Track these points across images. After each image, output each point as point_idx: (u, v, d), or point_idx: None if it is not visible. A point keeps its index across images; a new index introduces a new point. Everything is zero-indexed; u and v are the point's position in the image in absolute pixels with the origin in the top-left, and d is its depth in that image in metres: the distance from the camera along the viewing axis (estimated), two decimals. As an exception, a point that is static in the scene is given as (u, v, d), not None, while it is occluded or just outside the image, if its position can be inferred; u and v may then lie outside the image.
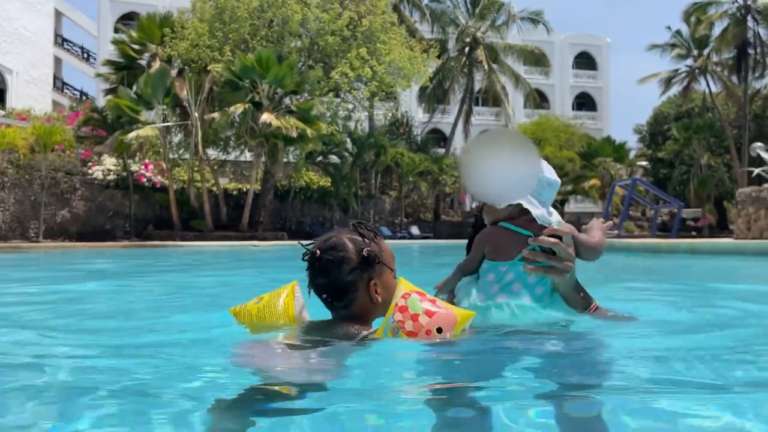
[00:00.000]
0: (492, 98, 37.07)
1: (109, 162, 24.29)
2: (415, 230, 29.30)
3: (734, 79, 38.03)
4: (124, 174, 24.11)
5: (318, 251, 1.91)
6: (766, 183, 15.73)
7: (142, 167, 24.92)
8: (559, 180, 2.14)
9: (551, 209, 2.08)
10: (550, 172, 2.10)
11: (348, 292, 1.89)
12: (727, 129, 36.72)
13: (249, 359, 1.70)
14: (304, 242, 1.99)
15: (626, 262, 9.50)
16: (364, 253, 1.89)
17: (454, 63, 35.26)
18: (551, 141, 36.59)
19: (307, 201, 28.22)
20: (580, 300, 2.07)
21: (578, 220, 37.43)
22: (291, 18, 23.22)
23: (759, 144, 18.94)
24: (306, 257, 1.95)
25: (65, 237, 22.74)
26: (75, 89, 42.72)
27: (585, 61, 50.02)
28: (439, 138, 41.24)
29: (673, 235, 22.70)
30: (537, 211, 2.01)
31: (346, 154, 28.11)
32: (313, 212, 28.50)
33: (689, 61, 38.97)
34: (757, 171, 18.01)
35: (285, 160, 25.35)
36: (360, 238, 1.93)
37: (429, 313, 1.73)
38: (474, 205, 34.88)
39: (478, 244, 2.10)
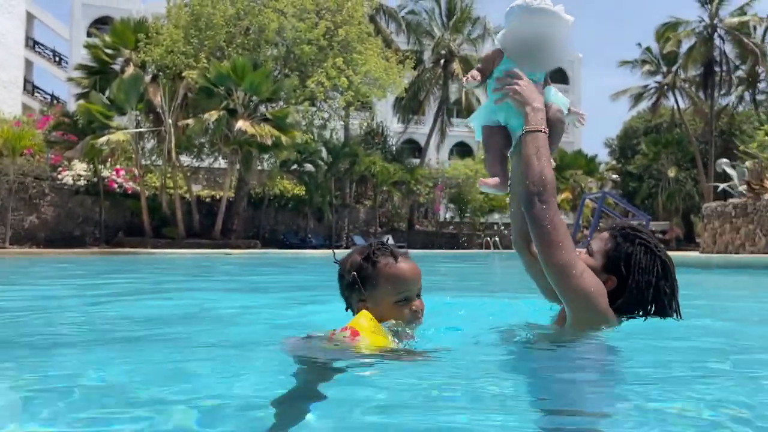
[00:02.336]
0: (466, 110, 37.37)
1: (80, 167, 23.91)
2: (389, 240, 29.37)
3: (701, 95, 39.00)
4: (95, 180, 23.76)
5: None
6: (732, 198, 16.14)
7: (114, 173, 24.59)
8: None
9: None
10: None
11: (347, 305, 2.12)
12: (694, 144, 37.59)
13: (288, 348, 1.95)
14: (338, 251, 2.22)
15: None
16: (348, 277, 2.03)
17: (429, 74, 35.54)
18: (524, 153, 36.92)
19: (281, 209, 28.10)
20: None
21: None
22: (267, 26, 23.22)
23: (725, 160, 19.45)
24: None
25: (33, 243, 22.31)
26: (46, 93, 42.06)
27: (557, 75, 50.78)
28: (414, 148, 41.46)
29: (641, 247, 23.11)
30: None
31: (321, 162, 28.08)
32: (287, 220, 28.39)
33: (659, 78, 39.87)
34: (722, 186, 18.48)
35: (259, 167, 25.24)
36: (361, 260, 2.04)
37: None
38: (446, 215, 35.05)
39: None
